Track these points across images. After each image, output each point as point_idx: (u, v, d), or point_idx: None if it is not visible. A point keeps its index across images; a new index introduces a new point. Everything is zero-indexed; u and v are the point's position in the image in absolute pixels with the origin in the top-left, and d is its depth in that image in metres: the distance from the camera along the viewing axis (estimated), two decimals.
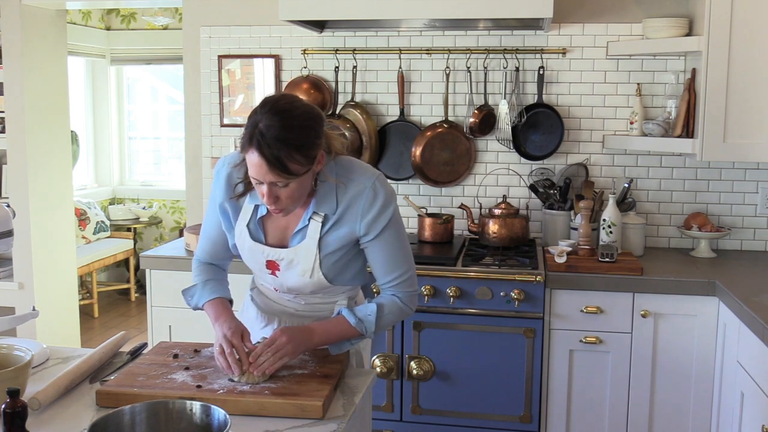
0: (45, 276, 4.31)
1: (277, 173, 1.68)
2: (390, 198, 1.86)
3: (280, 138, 1.66)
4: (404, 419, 2.92)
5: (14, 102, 4.10)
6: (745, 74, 2.82)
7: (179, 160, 6.68)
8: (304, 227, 1.87)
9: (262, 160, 1.67)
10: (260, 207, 1.90)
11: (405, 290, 1.91)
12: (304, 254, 1.87)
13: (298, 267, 1.88)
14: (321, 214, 1.85)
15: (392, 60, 3.38)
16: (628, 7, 3.21)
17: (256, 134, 1.67)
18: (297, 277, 1.90)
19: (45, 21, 4.25)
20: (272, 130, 1.66)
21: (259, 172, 1.70)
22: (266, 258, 1.91)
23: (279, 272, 1.92)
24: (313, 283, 1.90)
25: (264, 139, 1.66)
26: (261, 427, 1.58)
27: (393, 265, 1.89)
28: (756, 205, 3.23)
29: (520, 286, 2.78)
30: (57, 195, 4.43)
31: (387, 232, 1.86)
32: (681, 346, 2.76)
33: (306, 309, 2.02)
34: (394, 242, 1.88)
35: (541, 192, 3.27)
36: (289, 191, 1.74)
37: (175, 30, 6.20)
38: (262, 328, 2.05)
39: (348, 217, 1.85)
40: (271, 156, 1.66)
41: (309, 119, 1.73)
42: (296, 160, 1.68)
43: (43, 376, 1.84)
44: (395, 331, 2.88)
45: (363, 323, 1.86)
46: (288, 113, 1.69)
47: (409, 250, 1.94)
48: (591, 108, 3.29)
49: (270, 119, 1.67)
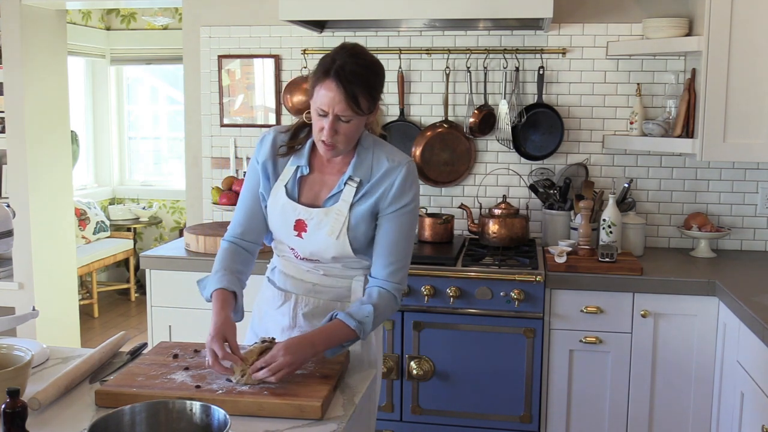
0: (45, 276, 4.31)
1: (348, 105, 1.83)
2: (417, 182, 2.01)
3: (358, 73, 1.83)
4: (404, 419, 2.92)
5: (14, 102, 4.10)
6: (745, 74, 2.82)
7: (179, 160, 6.68)
8: (339, 191, 1.96)
9: (339, 89, 1.82)
10: (301, 168, 1.99)
11: (397, 283, 1.95)
12: (335, 215, 1.94)
13: (326, 227, 1.94)
14: (356, 180, 1.95)
15: (392, 60, 3.38)
16: (628, 7, 3.22)
17: (335, 66, 1.83)
18: (324, 237, 1.94)
19: (45, 21, 4.25)
20: (350, 65, 1.83)
21: (331, 103, 1.83)
22: (297, 217, 1.97)
23: (305, 234, 1.96)
24: (337, 245, 1.94)
25: (343, 71, 1.82)
26: (261, 427, 1.58)
27: (394, 250, 1.95)
28: (756, 205, 3.23)
29: (520, 286, 2.78)
30: (57, 195, 4.43)
31: (406, 211, 1.96)
32: (681, 346, 2.76)
33: (324, 282, 2.04)
34: (406, 226, 1.97)
35: (541, 192, 3.27)
36: (348, 129, 1.88)
37: (175, 30, 6.20)
38: (278, 307, 2.06)
39: (379, 187, 1.95)
40: (348, 87, 1.81)
41: (379, 66, 1.92)
42: (366, 98, 1.85)
43: (43, 376, 1.84)
44: (395, 331, 2.88)
45: (363, 325, 1.86)
46: (363, 56, 1.88)
47: (411, 248, 2.01)
48: (591, 108, 3.29)
49: (348, 57, 1.84)
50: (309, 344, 1.80)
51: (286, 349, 1.75)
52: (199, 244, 3.09)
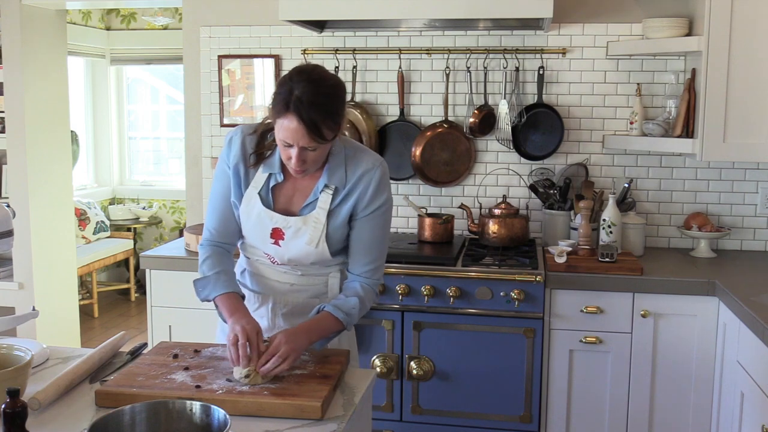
0: (45, 276, 4.31)
1: (311, 137, 1.78)
2: (389, 182, 2.00)
3: (317, 103, 1.77)
4: (404, 419, 2.92)
5: (14, 102, 4.10)
6: (745, 74, 2.82)
7: (179, 160, 6.68)
8: (315, 199, 1.95)
9: (300, 124, 1.77)
10: (274, 175, 1.97)
11: (377, 280, 2.01)
12: (313, 224, 1.94)
13: (305, 236, 1.94)
14: (332, 187, 1.94)
15: (392, 60, 3.38)
16: (628, 7, 3.21)
17: (293, 100, 1.76)
18: (302, 246, 1.94)
19: (45, 21, 4.25)
20: (309, 95, 1.76)
21: (294, 137, 1.79)
22: (273, 225, 1.96)
23: (283, 241, 1.96)
24: (316, 253, 1.95)
25: (302, 104, 1.76)
26: (261, 427, 1.57)
27: (373, 249, 1.98)
28: (756, 205, 3.23)
29: (520, 286, 2.78)
30: (57, 195, 4.43)
31: (382, 212, 1.97)
32: (681, 346, 2.76)
33: (301, 282, 2.04)
34: (382, 226, 1.99)
35: (541, 192, 3.27)
36: (316, 155, 1.85)
37: (175, 30, 6.20)
38: (254, 310, 2.06)
39: (355, 191, 1.94)
40: (309, 120, 1.76)
41: (339, 89, 1.86)
42: (329, 126, 1.80)
43: (43, 376, 1.84)
44: (395, 331, 2.88)
45: (350, 317, 1.91)
46: (322, 81, 1.81)
47: (387, 244, 2.05)
48: (591, 108, 3.29)
49: (306, 86, 1.77)
50: (305, 333, 1.85)
51: (287, 337, 1.79)
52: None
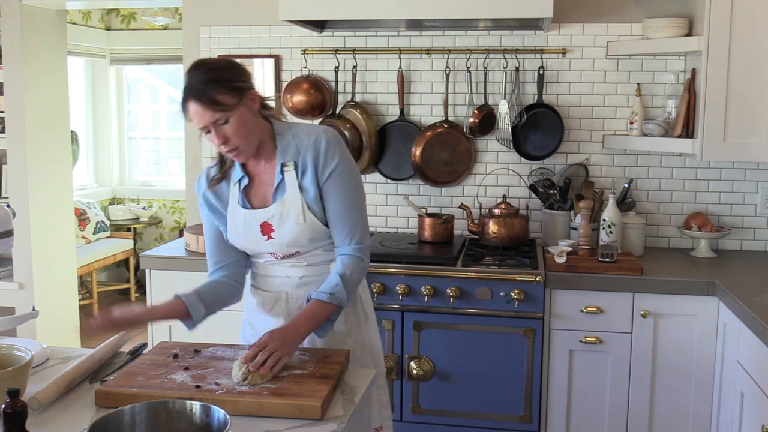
0: (45, 276, 4.31)
1: (210, 108, 1.84)
2: (343, 145, 2.02)
3: (202, 79, 1.86)
4: (404, 419, 2.92)
5: (14, 102, 4.09)
6: (745, 74, 2.82)
7: (179, 160, 6.68)
8: (281, 181, 1.99)
9: (196, 104, 1.85)
10: (242, 180, 2.02)
11: (357, 244, 2.01)
12: (291, 202, 1.98)
13: (290, 216, 1.98)
14: (290, 164, 1.98)
15: (392, 60, 3.38)
16: (628, 7, 3.21)
17: (185, 90, 1.87)
18: (292, 226, 1.98)
19: (45, 21, 4.25)
20: (194, 78, 1.87)
21: (200, 119, 1.86)
22: (260, 222, 2.00)
23: (274, 232, 1.99)
24: (308, 227, 1.98)
25: (190, 87, 1.86)
26: (261, 427, 1.57)
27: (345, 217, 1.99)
28: (756, 205, 3.23)
29: (520, 286, 2.78)
30: (57, 195, 4.43)
31: (339, 172, 1.98)
32: (681, 346, 2.76)
33: (309, 272, 2.06)
34: (347, 187, 1.99)
35: (541, 192, 3.27)
36: (233, 127, 1.88)
37: (175, 30, 6.20)
38: (271, 309, 2.08)
39: (309, 159, 1.98)
40: (199, 96, 1.84)
41: (226, 62, 1.96)
42: (221, 93, 1.84)
43: (43, 376, 1.84)
44: (395, 331, 2.88)
45: (335, 296, 1.92)
46: (206, 63, 1.92)
47: (363, 207, 2.05)
48: (591, 108, 3.29)
49: (192, 73, 1.88)
50: (293, 328, 1.87)
51: (273, 334, 1.82)
52: (199, 244, 3.09)
